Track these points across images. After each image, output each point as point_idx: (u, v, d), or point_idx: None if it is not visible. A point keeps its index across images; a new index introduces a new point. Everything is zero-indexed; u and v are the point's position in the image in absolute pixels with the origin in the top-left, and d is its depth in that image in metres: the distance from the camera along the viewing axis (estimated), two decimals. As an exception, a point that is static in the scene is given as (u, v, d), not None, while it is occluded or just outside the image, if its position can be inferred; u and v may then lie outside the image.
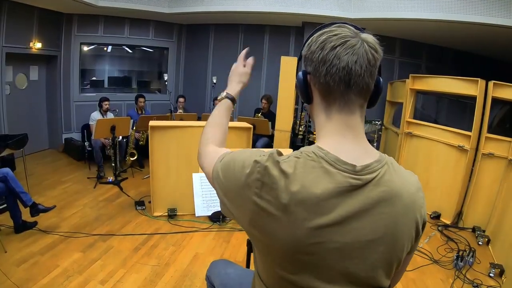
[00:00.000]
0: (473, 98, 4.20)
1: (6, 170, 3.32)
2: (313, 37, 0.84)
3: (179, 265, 3.10)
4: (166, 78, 5.50)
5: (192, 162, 3.92)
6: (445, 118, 6.33)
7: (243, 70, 1.28)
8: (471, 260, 3.37)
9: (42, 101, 6.70)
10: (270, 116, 5.99)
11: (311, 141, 5.60)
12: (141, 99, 6.21)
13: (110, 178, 5.08)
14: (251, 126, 4.17)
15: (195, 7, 6.16)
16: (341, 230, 0.75)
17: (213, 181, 0.92)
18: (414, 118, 5.23)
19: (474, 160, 4.26)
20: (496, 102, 4.17)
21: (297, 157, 0.79)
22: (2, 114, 5.51)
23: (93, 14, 6.49)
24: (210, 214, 1.49)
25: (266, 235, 0.78)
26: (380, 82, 0.86)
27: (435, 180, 4.66)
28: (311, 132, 5.65)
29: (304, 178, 0.75)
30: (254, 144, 5.58)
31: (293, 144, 5.62)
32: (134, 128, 5.66)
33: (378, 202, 0.78)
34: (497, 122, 5.04)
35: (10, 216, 3.36)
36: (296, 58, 5.41)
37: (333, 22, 0.86)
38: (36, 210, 3.41)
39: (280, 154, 0.80)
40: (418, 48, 6.93)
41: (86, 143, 5.96)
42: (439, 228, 4.23)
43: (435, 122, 5.39)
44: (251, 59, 1.30)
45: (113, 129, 4.89)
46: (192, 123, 4.31)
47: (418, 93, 5.25)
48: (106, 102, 5.72)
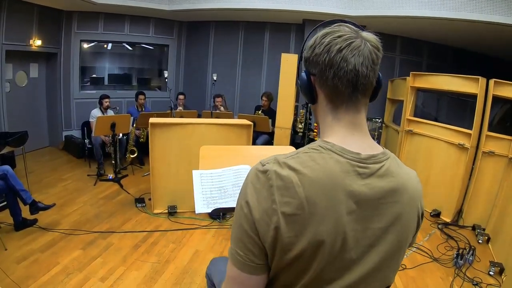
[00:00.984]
0: (473, 96, 4.19)
1: (6, 167, 3.32)
2: (316, 38, 0.83)
3: (179, 262, 3.10)
4: (166, 75, 5.49)
5: (192, 159, 3.92)
6: (445, 116, 6.32)
7: None
8: (471, 258, 3.37)
9: (42, 98, 6.69)
10: (271, 113, 5.98)
11: (311, 138, 5.60)
12: (141, 96, 6.21)
13: (110, 176, 5.08)
14: (251, 123, 4.16)
15: (195, 4, 6.14)
16: (355, 217, 0.77)
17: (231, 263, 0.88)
18: (415, 116, 5.21)
19: (475, 158, 4.25)
20: (496, 100, 4.16)
21: (305, 152, 0.80)
22: (2, 112, 5.50)
23: (93, 11, 6.46)
24: (210, 211, 1.48)
25: (304, 240, 0.75)
26: (380, 77, 0.87)
27: (436, 178, 4.65)
28: (311, 129, 5.65)
29: (316, 170, 0.76)
30: (254, 141, 5.58)
31: (293, 141, 5.62)
32: (134, 125, 5.65)
33: (388, 191, 0.80)
34: (497, 120, 5.03)
35: (10, 213, 3.37)
36: (296, 55, 5.43)
37: (331, 20, 0.88)
38: (35, 208, 3.41)
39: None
40: (419, 46, 6.92)
41: (86, 141, 5.96)
42: (439, 226, 4.23)
43: (436, 120, 5.38)
44: None
45: (113, 126, 4.87)
46: (192, 120, 4.30)
47: (419, 91, 5.24)
48: (107, 100, 5.71)
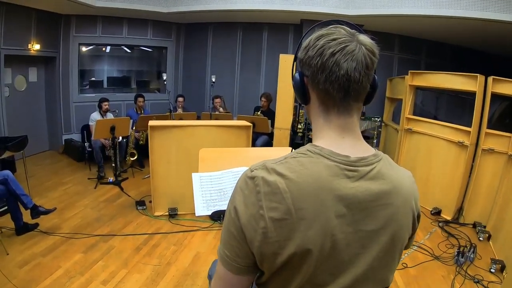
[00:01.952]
0: (472, 94, 4.19)
1: (7, 172, 3.33)
2: (310, 40, 0.82)
3: (181, 264, 3.10)
4: (165, 77, 5.48)
5: (192, 161, 3.90)
6: (444, 113, 6.33)
7: None
8: (472, 256, 3.37)
9: (42, 102, 6.69)
10: (270, 114, 5.99)
11: (311, 138, 5.60)
12: (140, 99, 6.21)
13: (111, 179, 5.09)
14: (251, 124, 4.17)
15: (193, 6, 6.16)
16: (346, 221, 0.77)
17: (220, 261, 0.84)
18: (414, 114, 5.22)
19: (474, 155, 4.26)
20: (495, 97, 4.17)
21: (293, 157, 0.80)
22: (2, 116, 5.50)
23: (91, 14, 6.47)
24: (210, 213, 1.49)
25: (291, 244, 0.75)
26: (375, 80, 0.86)
27: (436, 176, 4.66)
28: (311, 129, 5.65)
29: (304, 175, 0.76)
30: (253, 142, 5.58)
31: (292, 141, 5.62)
32: (134, 128, 5.66)
33: (378, 194, 0.79)
34: (497, 117, 5.04)
35: (11, 218, 3.37)
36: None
37: (328, 21, 0.87)
38: (36, 212, 3.42)
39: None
40: (417, 44, 6.93)
41: (86, 144, 5.96)
42: (440, 224, 4.23)
43: (435, 118, 5.39)
44: None
45: (112, 129, 4.88)
46: (191, 123, 4.31)
47: (418, 89, 5.25)
48: (106, 103, 5.71)
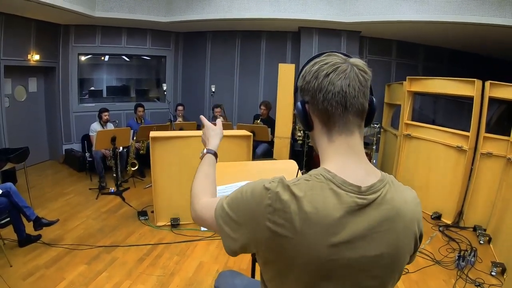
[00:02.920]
0: (470, 98, 4.23)
1: (9, 184, 3.34)
2: (306, 68, 0.89)
3: (184, 274, 3.12)
4: (165, 88, 5.51)
5: (193, 171, 3.92)
6: (442, 118, 6.37)
7: (215, 127, 1.40)
8: (473, 259, 3.39)
9: (42, 112, 6.73)
10: (269, 122, 6.02)
11: (311, 145, 5.63)
12: (140, 109, 6.24)
13: (112, 189, 5.10)
14: (251, 134, 4.20)
15: (192, 15, 6.20)
16: (350, 248, 0.79)
17: (217, 220, 0.91)
18: (412, 118, 5.26)
19: (473, 159, 4.29)
20: (493, 101, 4.21)
21: (306, 180, 0.82)
22: (2, 127, 5.52)
23: (90, 24, 6.52)
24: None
25: (283, 258, 0.81)
26: (373, 102, 0.91)
27: (435, 181, 4.69)
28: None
29: (314, 200, 0.79)
30: (254, 150, 5.61)
31: (293, 149, 5.65)
32: (135, 138, 5.68)
33: (382, 220, 0.82)
34: (495, 121, 5.07)
35: (14, 230, 3.38)
36: (294, 65, 5.48)
37: (322, 52, 0.92)
38: (39, 224, 3.43)
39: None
40: (414, 49, 6.99)
41: (87, 154, 5.98)
42: (440, 228, 4.26)
43: (433, 123, 5.43)
44: (219, 120, 1.44)
45: (113, 140, 4.91)
46: (192, 133, 4.34)
47: (416, 94, 5.29)
48: (106, 113, 5.73)
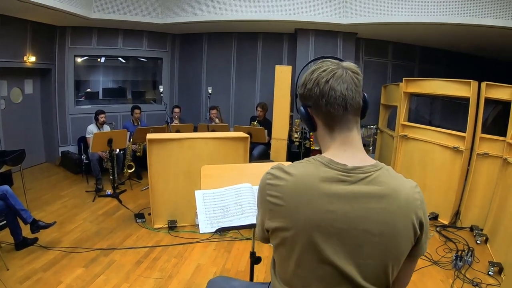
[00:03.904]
0: (466, 99, 4.26)
1: (6, 187, 3.32)
2: (306, 76, 1.00)
3: (182, 276, 3.11)
4: (161, 90, 5.51)
5: (190, 173, 3.95)
6: (439, 118, 6.41)
7: None
8: (470, 259, 3.41)
9: (38, 114, 6.69)
10: (266, 123, 6.02)
11: (307, 147, 5.64)
12: (136, 111, 6.23)
13: (109, 191, 5.07)
14: (248, 136, 4.20)
15: (188, 17, 6.20)
16: (338, 216, 0.91)
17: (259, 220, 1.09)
18: (409, 119, 5.28)
19: (470, 160, 4.31)
20: (489, 102, 4.23)
21: (300, 162, 1.00)
22: (-2, 129, 5.50)
23: (86, 26, 6.50)
24: (214, 230, 1.50)
25: (283, 225, 0.94)
26: (366, 97, 1.02)
27: (432, 181, 4.70)
28: (307, 138, 5.70)
29: (303, 173, 0.95)
30: (251, 152, 5.61)
31: (289, 150, 5.66)
32: (131, 140, 5.66)
33: (369, 196, 0.92)
34: (490, 122, 5.11)
35: (10, 233, 3.36)
36: (290, 66, 5.51)
37: (315, 58, 1.09)
38: (36, 226, 3.41)
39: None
40: (410, 50, 7.02)
41: (83, 156, 5.95)
42: (437, 228, 4.27)
43: (429, 123, 5.46)
44: None
45: (110, 142, 4.89)
46: (189, 135, 4.33)
47: (412, 95, 5.31)
48: (102, 115, 5.71)
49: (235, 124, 6.58)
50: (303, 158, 1.02)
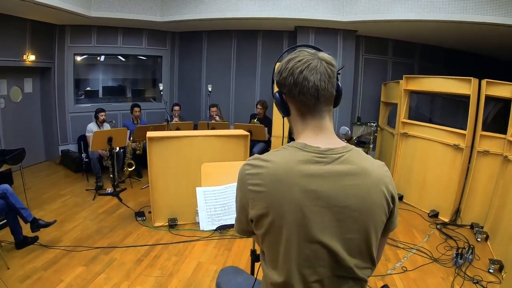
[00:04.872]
0: (466, 96, 4.25)
1: (6, 186, 3.31)
2: (282, 64, 1.05)
3: (183, 275, 3.11)
4: (161, 88, 5.50)
5: (190, 171, 3.94)
6: (439, 116, 6.40)
7: None
8: (471, 257, 3.41)
9: (37, 113, 6.68)
10: (266, 121, 6.02)
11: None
12: (136, 109, 6.22)
13: (109, 190, 5.07)
14: (248, 133, 4.19)
15: (187, 15, 6.18)
16: (319, 195, 0.96)
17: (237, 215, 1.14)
18: (409, 117, 5.28)
19: (470, 157, 4.31)
20: (489, 99, 4.22)
21: (276, 150, 1.05)
22: (-2, 128, 5.50)
23: (85, 24, 6.48)
24: (215, 228, 1.51)
25: (270, 209, 0.97)
26: (339, 87, 1.08)
27: (432, 179, 4.70)
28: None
29: (280, 159, 1.00)
30: (251, 149, 5.61)
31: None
32: (131, 138, 5.65)
33: (344, 174, 0.98)
34: (491, 119, 5.10)
35: (10, 232, 3.36)
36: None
37: (293, 46, 1.15)
38: (36, 225, 3.40)
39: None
40: (410, 48, 7.00)
41: (83, 155, 5.95)
42: (438, 226, 4.27)
43: (430, 121, 5.45)
44: None
45: (110, 140, 4.89)
46: (189, 133, 4.33)
47: (412, 93, 5.30)
48: (102, 113, 5.70)
49: (235, 122, 6.57)
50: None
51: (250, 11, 5.80)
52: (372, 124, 5.71)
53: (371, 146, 5.75)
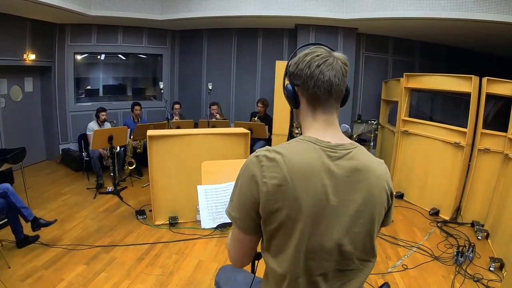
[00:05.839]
0: (467, 94, 4.24)
1: (6, 185, 3.31)
2: (299, 57, 1.07)
3: (183, 273, 3.11)
4: (162, 86, 5.49)
5: (191, 169, 3.93)
6: (440, 114, 6.38)
7: None
8: (471, 255, 3.40)
9: (38, 112, 6.68)
10: (267, 119, 6.02)
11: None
12: (137, 107, 6.22)
13: (110, 188, 5.07)
14: (248, 131, 4.19)
15: (188, 13, 6.17)
16: (331, 190, 0.97)
17: (229, 218, 1.12)
18: (410, 115, 5.27)
19: (471, 155, 4.30)
20: (490, 97, 4.21)
21: (288, 143, 1.05)
22: (-2, 127, 5.50)
23: (85, 23, 6.47)
24: (215, 226, 1.52)
25: (289, 203, 0.95)
26: (348, 88, 1.11)
27: (433, 177, 4.70)
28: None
29: (295, 153, 0.99)
30: (251, 148, 5.61)
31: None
32: (132, 137, 5.65)
33: (353, 170, 1.01)
34: (491, 117, 5.09)
35: (11, 231, 3.36)
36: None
37: (310, 43, 1.13)
38: (37, 224, 3.40)
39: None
40: (411, 46, 6.99)
41: (84, 154, 5.95)
42: (438, 224, 4.27)
43: (430, 119, 5.43)
44: None
45: (110, 139, 4.89)
46: (190, 131, 4.33)
47: (413, 91, 5.30)
48: (103, 113, 5.70)
49: (236, 120, 6.57)
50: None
51: (250, 9, 5.79)
52: (372, 122, 5.71)
53: (372, 144, 5.75)
